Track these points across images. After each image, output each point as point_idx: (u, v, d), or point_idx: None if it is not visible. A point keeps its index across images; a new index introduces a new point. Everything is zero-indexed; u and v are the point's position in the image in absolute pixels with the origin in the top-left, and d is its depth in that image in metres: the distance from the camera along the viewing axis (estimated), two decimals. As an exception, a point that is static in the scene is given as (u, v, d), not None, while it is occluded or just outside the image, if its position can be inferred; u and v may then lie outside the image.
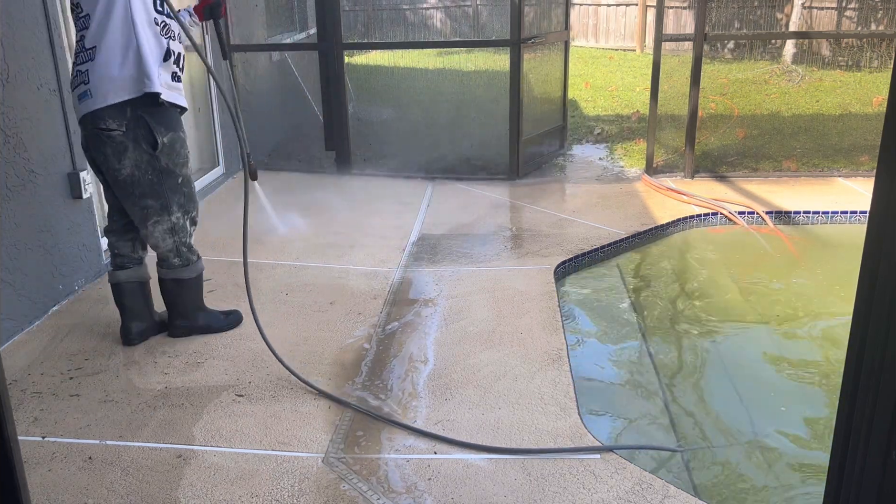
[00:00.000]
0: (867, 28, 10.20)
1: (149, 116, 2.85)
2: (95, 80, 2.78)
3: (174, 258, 3.12)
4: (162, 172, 2.94)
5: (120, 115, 2.82)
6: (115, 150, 2.87)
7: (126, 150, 2.87)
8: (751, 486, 2.55)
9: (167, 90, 2.87)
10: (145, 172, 2.92)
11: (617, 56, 13.39)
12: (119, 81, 2.78)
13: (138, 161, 2.89)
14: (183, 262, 3.14)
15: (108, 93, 2.78)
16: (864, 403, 1.05)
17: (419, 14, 8.66)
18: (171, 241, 3.08)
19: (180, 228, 3.08)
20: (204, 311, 3.31)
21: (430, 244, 4.53)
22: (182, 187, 3.03)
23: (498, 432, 2.59)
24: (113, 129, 2.83)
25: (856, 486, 1.08)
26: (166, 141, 2.91)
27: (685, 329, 3.72)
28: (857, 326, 1.06)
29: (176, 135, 2.96)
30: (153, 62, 2.79)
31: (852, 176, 5.91)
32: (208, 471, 2.40)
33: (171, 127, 2.93)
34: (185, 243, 3.12)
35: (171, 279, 3.17)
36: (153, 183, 2.95)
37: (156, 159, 2.91)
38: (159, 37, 2.83)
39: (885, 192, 0.99)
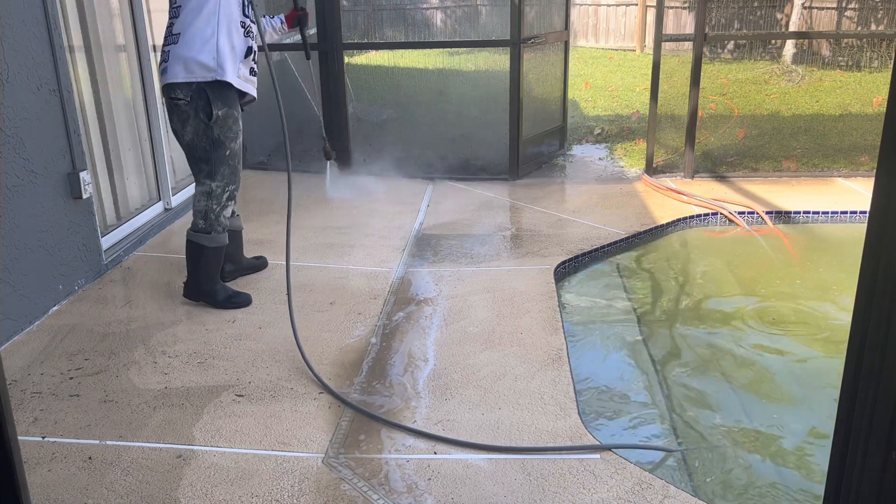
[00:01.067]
0: (867, 28, 10.21)
1: (210, 90, 3.26)
2: (173, 59, 3.25)
3: (200, 220, 3.44)
4: (214, 142, 3.34)
5: (186, 88, 3.26)
6: (180, 117, 3.33)
7: (188, 118, 3.31)
8: (750, 484, 2.55)
9: (242, 81, 3.35)
10: (201, 139, 3.34)
11: (617, 56, 13.39)
12: (192, 65, 3.22)
13: (196, 129, 3.32)
14: (206, 228, 3.44)
15: (179, 72, 3.25)
16: (864, 403, 1.05)
17: (419, 14, 8.65)
18: (203, 203, 3.43)
19: (216, 196, 3.43)
20: (216, 283, 3.57)
21: (430, 244, 4.53)
22: (228, 160, 3.40)
23: (498, 432, 2.60)
24: (180, 98, 3.28)
25: (856, 486, 1.08)
26: (220, 114, 3.30)
27: (685, 329, 3.72)
28: (857, 326, 1.06)
29: (230, 111, 3.34)
30: (231, 56, 3.27)
31: (852, 176, 5.91)
32: (208, 471, 2.40)
33: (227, 103, 3.32)
34: (214, 210, 3.44)
35: (193, 242, 3.47)
36: (206, 150, 3.36)
37: (210, 129, 3.31)
38: (243, 37, 3.33)
39: (885, 192, 0.99)
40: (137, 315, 3.52)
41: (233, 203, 3.54)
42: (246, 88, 3.39)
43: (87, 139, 3.97)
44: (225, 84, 3.28)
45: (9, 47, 3.20)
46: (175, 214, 4.87)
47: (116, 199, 4.39)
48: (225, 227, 3.52)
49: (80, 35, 4.04)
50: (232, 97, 3.36)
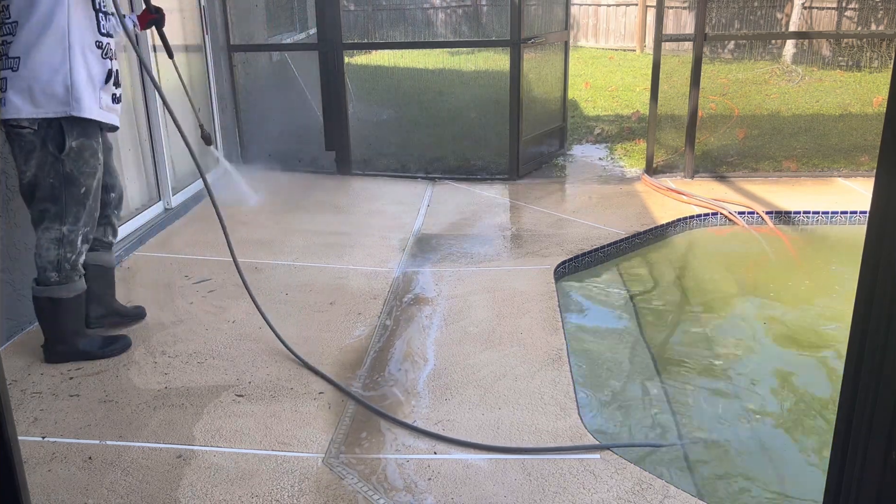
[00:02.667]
0: (867, 28, 10.20)
1: (64, 122, 2.76)
2: (14, 90, 2.70)
3: (52, 272, 2.89)
4: (65, 178, 2.81)
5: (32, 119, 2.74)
6: (22, 148, 2.77)
7: (34, 149, 2.76)
8: (749, 481, 2.55)
9: (105, 112, 2.87)
10: (47, 175, 2.79)
11: (617, 56, 13.40)
12: (40, 97, 2.71)
13: (42, 162, 2.78)
14: (61, 280, 2.91)
15: (22, 107, 2.71)
16: (864, 403, 1.05)
17: (419, 14, 8.65)
18: (55, 252, 2.88)
19: (69, 242, 2.88)
20: (84, 336, 3.08)
21: (430, 244, 4.53)
22: (83, 199, 2.87)
23: (498, 432, 2.59)
24: (24, 126, 2.73)
25: (856, 486, 1.08)
26: (74, 146, 2.79)
27: (685, 329, 3.72)
28: (857, 326, 1.06)
29: (87, 142, 2.83)
30: (89, 86, 2.77)
31: (852, 176, 5.91)
32: (208, 471, 2.40)
33: (84, 133, 2.81)
34: (68, 260, 2.90)
35: (46, 297, 2.93)
36: (53, 187, 2.81)
37: (60, 163, 2.78)
38: (101, 60, 2.82)
39: (885, 192, 0.99)
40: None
41: (87, 247, 2.99)
42: (108, 119, 2.90)
43: (87, 139, 3.96)
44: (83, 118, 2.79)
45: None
46: (175, 214, 4.87)
47: (116, 199, 4.38)
48: (81, 273, 2.99)
49: (80, 35, 4.03)
50: (91, 128, 2.84)
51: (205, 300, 3.69)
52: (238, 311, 3.56)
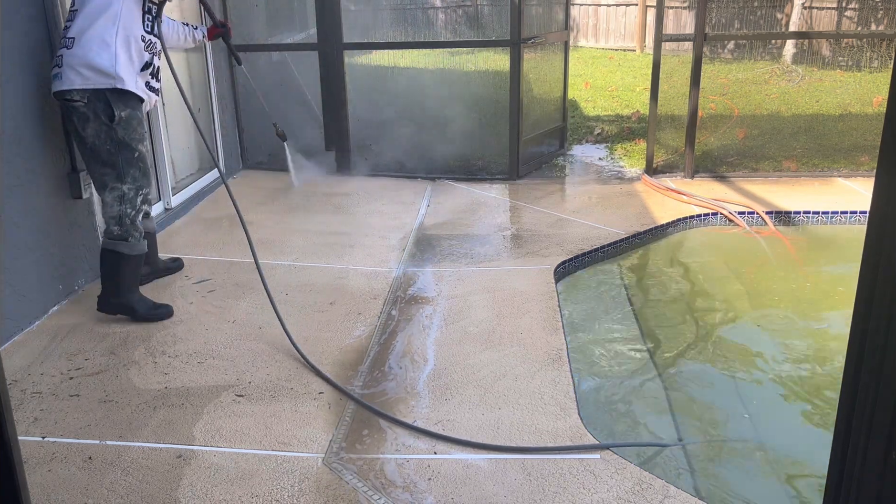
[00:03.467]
0: (867, 28, 10.20)
1: (109, 93, 3.16)
2: (67, 65, 3.12)
3: (115, 226, 3.28)
4: (119, 144, 3.21)
5: (83, 93, 3.14)
6: (77, 120, 3.17)
7: (88, 119, 3.16)
8: (748, 478, 2.55)
9: (140, 91, 3.26)
10: (104, 142, 3.19)
11: (617, 56, 13.39)
12: (87, 71, 3.11)
13: (98, 131, 3.17)
14: (122, 235, 3.29)
15: (73, 79, 3.12)
16: (864, 403, 1.05)
17: (419, 14, 8.65)
18: (117, 208, 3.27)
19: (129, 199, 3.28)
20: (135, 294, 3.42)
21: (430, 244, 4.53)
22: (137, 162, 3.28)
23: (498, 432, 2.59)
24: (76, 99, 3.13)
25: (856, 486, 1.08)
26: (123, 115, 3.19)
27: (685, 329, 3.72)
28: (857, 326, 1.06)
29: (133, 112, 3.24)
30: (129, 66, 3.19)
31: (852, 176, 5.91)
32: (208, 471, 2.39)
33: (129, 105, 3.22)
34: (128, 215, 3.29)
35: (110, 250, 3.31)
36: (111, 153, 3.21)
37: (113, 130, 3.18)
38: (142, 52, 3.23)
39: (885, 192, 0.99)
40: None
41: (146, 207, 3.42)
42: (146, 97, 3.31)
43: (87, 139, 3.97)
44: (125, 91, 3.20)
45: (9, 47, 3.20)
46: (175, 214, 4.87)
47: (116, 199, 4.38)
48: (142, 234, 3.38)
49: (80, 35, 4.03)
50: (134, 101, 3.25)
51: (205, 300, 3.69)
52: (238, 311, 3.56)
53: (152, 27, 3.27)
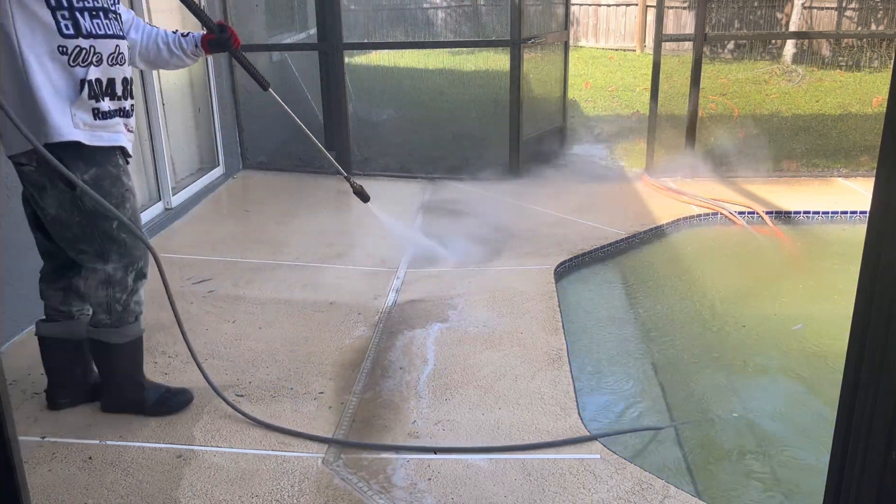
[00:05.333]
0: (867, 28, 10.20)
1: (61, 151, 2.28)
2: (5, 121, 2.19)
3: (103, 314, 2.56)
4: (90, 215, 2.40)
5: (29, 154, 2.31)
6: (33, 187, 2.39)
7: (44, 188, 2.37)
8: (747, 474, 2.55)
9: (88, 131, 2.35)
10: (71, 214, 2.39)
11: (617, 56, 13.39)
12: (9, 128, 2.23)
13: (61, 200, 2.37)
14: (113, 323, 2.57)
15: (11, 140, 2.31)
16: (864, 403, 1.05)
17: (419, 14, 8.65)
18: (103, 293, 2.52)
19: (117, 282, 2.51)
20: (141, 384, 2.73)
21: (429, 244, 4.52)
22: (119, 232, 2.46)
23: (498, 432, 2.59)
24: (24, 163, 2.34)
25: (856, 486, 1.08)
26: (87, 178, 2.35)
27: (685, 329, 3.72)
28: (857, 326, 1.06)
29: (102, 170, 2.39)
30: (56, 103, 2.28)
31: (852, 176, 5.91)
32: (208, 471, 2.39)
33: (92, 162, 2.37)
34: (119, 300, 2.54)
35: (98, 340, 2.61)
36: (83, 226, 2.42)
37: (78, 199, 2.36)
38: (68, 67, 2.28)
39: (885, 192, 0.99)
40: (137, 315, 3.52)
41: (144, 281, 2.61)
42: (93, 141, 2.36)
43: (87, 139, 3.96)
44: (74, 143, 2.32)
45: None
46: (175, 214, 4.87)
47: (116, 199, 4.38)
48: (138, 315, 2.64)
49: (80, 35, 4.03)
50: (99, 153, 2.39)
51: (205, 300, 3.68)
52: (238, 312, 3.56)
53: (77, 28, 2.28)
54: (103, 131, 2.40)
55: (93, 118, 2.36)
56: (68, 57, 2.28)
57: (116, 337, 2.60)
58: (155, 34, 2.71)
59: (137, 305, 2.62)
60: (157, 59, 2.74)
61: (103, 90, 2.38)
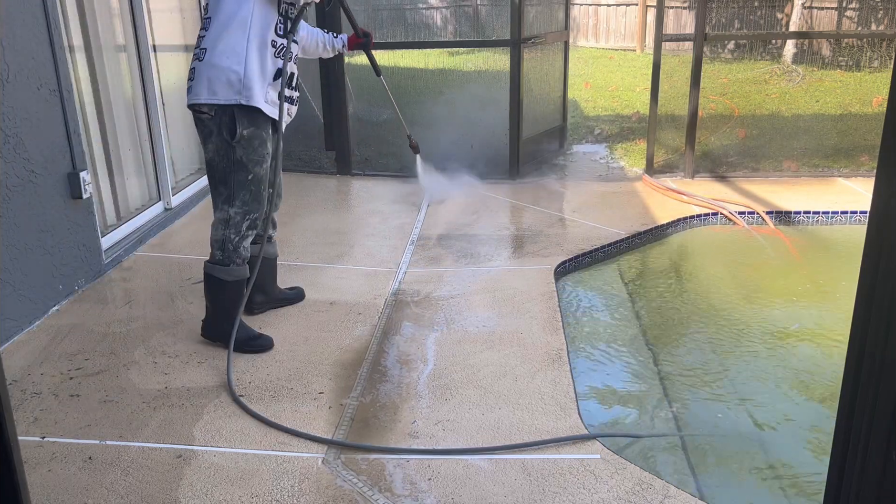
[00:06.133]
0: (867, 28, 10.20)
1: (237, 108, 2.97)
2: (198, 78, 2.96)
3: (217, 251, 3.12)
4: (235, 163, 3.02)
5: (210, 106, 2.98)
6: (203, 132, 3.04)
7: (211, 134, 3.01)
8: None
9: (269, 106, 3.03)
10: (222, 159, 3.03)
11: (617, 56, 13.39)
12: (216, 85, 2.93)
13: (218, 146, 3.02)
14: (224, 260, 3.11)
15: (201, 93, 2.96)
16: (864, 403, 1.05)
17: (419, 14, 8.66)
18: (221, 232, 3.10)
19: (234, 224, 3.08)
20: (231, 321, 3.11)
21: (429, 244, 4.53)
22: (250, 185, 3.06)
23: (498, 432, 2.59)
24: (204, 111, 2.99)
25: (856, 486, 1.08)
26: (245, 134, 2.99)
27: (685, 329, 3.72)
28: (857, 326, 1.06)
29: (257, 132, 3.03)
30: (259, 79, 2.96)
31: (852, 176, 5.91)
32: (208, 471, 2.40)
33: (253, 123, 3.01)
34: (232, 241, 3.09)
35: (210, 275, 3.15)
36: (225, 171, 3.04)
37: (232, 149, 3.00)
38: (273, 58, 3.00)
39: (885, 192, 0.99)
40: (137, 315, 3.52)
41: (254, 232, 3.16)
42: (271, 113, 3.06)
43: (87, 139, 3.97)
44: (252, 107, 2.98)
45: (9, 47, 3.20)
46: (175, 214, 4.87)
47: (116, 199, 4.39)
48: (245, 259, 3.16)
49: (80, 35, 4.04)
50: (262, 119, 3.04)
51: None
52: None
53: (285, 31, 3.04)
54: (274, 108, 3.07)
55: (276, 98, 3.06)
56: (275, 49, 3.01)
57: (225, 274, 3.12)
58: (315, 34, 3.51)
59: (245, 251, 3.15)
60: (313, 53, 3.56)
61: (286, 80, 3.07)
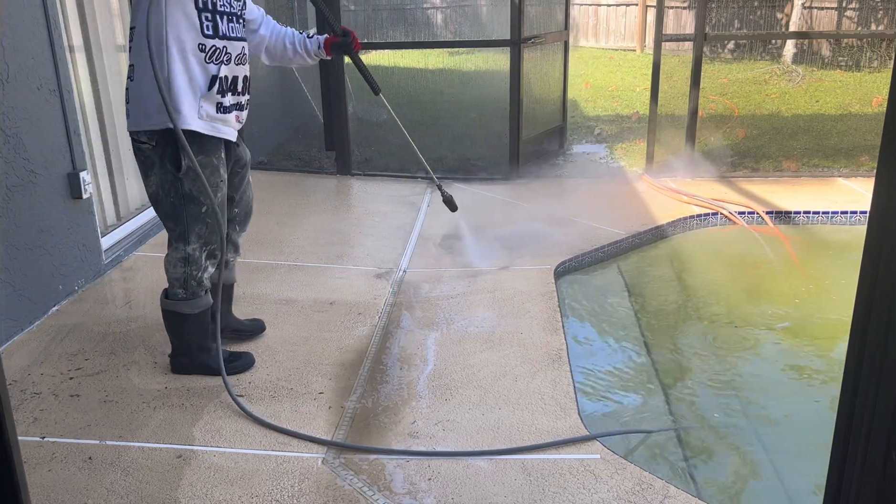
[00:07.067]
0: (867, 28, 10.20)
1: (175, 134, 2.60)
2: (132, 100, 2.63)
3: (179, 289, 2.84)
4: (184, 197, 2.68)
5: (150, 133, 2.63)
6: (143, 163, 2.70)
7: (153, 165, 2.67)
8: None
9: (208, 122, 2.64)
10: (168, 194, 2.69)
11: (617, 56, 13.39)
12: (149, 109, 2.58)
13: (163, 180, 2.68)
14: (188, 296, 2.85)
15: (139, 118, 2.62)
16: (864, 403, 1.05)
17: (419, 14, 8.66)
18: (182, 270, 2.80)
19: (194, 261, 2.79)
20: (207, 350, 2.94)
21: (430, 244, 4.53)
22: (205, 217, 2.73)
23: (498, 432, 2.59)
24: (143, 141, 2.64)
25: (856, 486, 1.08)
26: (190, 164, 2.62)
27: (684, 329, 3.72)
28: (857, 326, 1.06)
29: (206, 159, 2.66)
30: (187, 94, 2.57)
31: (852, 176, 5.91)
32: (208, 471, 2.39)
33: (201, 150, 2.64)
34: (194, 277, 2.82)
35: (172, 311, 2.88)
36: (175, 206, 2.71)
37: (179, 182, 2.66)
38: (204, 64, 2.59)
39: (885, 192, 0.99)
40: (137, 315, 3.52)
41: (216, 259, 2.85)
42: (211, 131, 2.65)
43: (87, 139, 3.97)
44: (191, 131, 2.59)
45: (9, 47, 3.20)
46: (175, 214, 4.87)
47: (116, 199, 4.39)
48: (207, 288, 2.89)
49: (80, 35, 4.04)
50: (208, 142, 2.66)
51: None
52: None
53: (215, 30, 2.60)
54: (220, 124, 2.70)
55: (215, 111, 2.66)
56: (205, 54, 2.59)
57: (189, 308, 2.87)
58: (282, 34, 3.08)
59: (208, 281, 2.88)
60: (281, 57, 3.11)
61: (228, 86, 2.68)
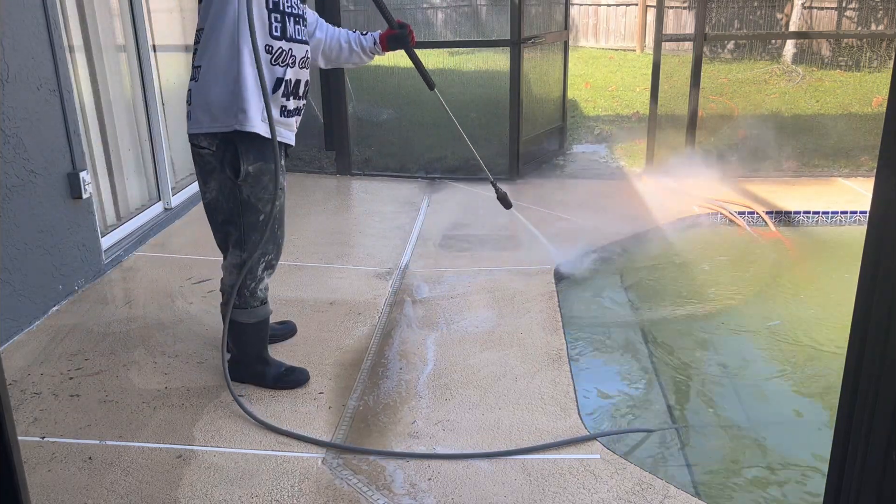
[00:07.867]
0: (867, 28, 10.20)
1: (239, 140, 2.53)
2: (195, 102, 2.55)
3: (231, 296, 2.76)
4: (243, 204, 2.62)
5: (212, 137, 2.56)
6: (202, 170, 2.64)
7: (213, 171, 2.61)
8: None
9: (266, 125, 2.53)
10: (227, 199, 2.64)
11: (617, 56, 13.39)
12: (215, 110, 2.51)
13: (222, 186, 2.62)
14: (241, 304, 2.77)
15: (202, 120, 2.54)
16: (864, 403, 1.05)
17: (419, 14, 8.66)
18: (235, 277, 2.72)
19: (249, 270, 2.71)
20: (265, 360, 2.92)
21: (429, 244, 4.53)
22: (262, 226, 2.63)
23: (498, 432, 2.59)
24: (204, 146, 2.59)
25: (856, 486, 1.08)
26: (251, 170, 2.56)
27: (684, 329, 3.72)
28: (857, 326, 1.06)
29: (266, 166, 2.58)
30: (255, 97, 2.48)
31: (852, 176, 5.91)
32: (208, 471, 2.39)
33: (261, 157, 2.57)
34: (248, 286, 2.75)
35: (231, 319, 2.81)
36: (233, 212, 2.65)
37: (238, 188, 2.60)
38: (269, 66, 2.51)
39: (885, 192, 0.99)
40: (137, 315, 3.52)
41: (271, 274, 2.83)
42: (277, 136, 2.52)
43: (87, 139, 3.97)
44: (253, 134, 2.52)
45: (9, 47, 3.20)
46: (175, 214, 4.87)
47: (116, 199, 4.39)
48: (264, 300, 2.84)
49: (80, 35, 4.04)
50: (268, 148, 2.56)
51: (205, 300, 3.68)
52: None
53: (283, 32, 2.53)
54: (282, 128, 2.63)
55: (279, 115, 2.59)
56: (272, 56, 2.51)
57: (244, 317, 2.80)
58: (337, 34, 2.95)
59: (263, 292, 2.82)
60: (337, 58, 2.98)
61: (291, 90, 2.62)
